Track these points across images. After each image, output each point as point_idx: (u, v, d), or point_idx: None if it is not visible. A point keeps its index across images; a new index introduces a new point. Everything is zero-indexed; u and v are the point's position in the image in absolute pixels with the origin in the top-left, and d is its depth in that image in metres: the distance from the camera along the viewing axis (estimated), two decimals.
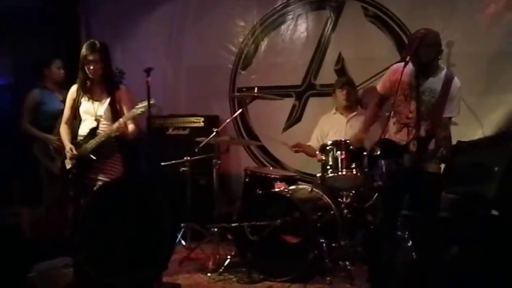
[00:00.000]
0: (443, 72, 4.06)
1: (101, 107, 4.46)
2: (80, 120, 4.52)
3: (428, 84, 4.02)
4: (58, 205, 5.39)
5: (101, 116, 4.43)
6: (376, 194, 4.79)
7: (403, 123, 4.09)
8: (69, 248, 5.19)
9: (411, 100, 4.04)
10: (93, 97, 4.49)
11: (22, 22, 6.20)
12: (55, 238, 5.33)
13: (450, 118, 4.05)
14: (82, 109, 4.51)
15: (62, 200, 5.36)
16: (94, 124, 4.46)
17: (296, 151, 5.54)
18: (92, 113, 4.47)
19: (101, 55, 4.41)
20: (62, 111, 5.12)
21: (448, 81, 3.99)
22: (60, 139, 4.77)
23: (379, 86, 4.34)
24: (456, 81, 4.03)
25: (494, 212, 4.35)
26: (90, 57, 4.39)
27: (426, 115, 3.96)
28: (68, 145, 4.46)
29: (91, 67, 4.40)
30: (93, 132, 4.45)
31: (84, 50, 4.42)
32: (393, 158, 3.91)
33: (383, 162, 3.94)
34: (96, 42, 4.47)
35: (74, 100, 4.54)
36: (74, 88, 4.56)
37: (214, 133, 5.05)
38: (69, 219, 5.37)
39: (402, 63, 3.92)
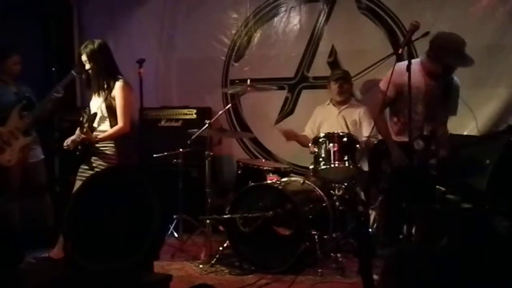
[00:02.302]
0: None
1: (99, 103, 4.54)
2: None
3: (436, 85, 4.04)
4: (21, 196, 5.30)
5: (95, 114, 4.50)
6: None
7: (405, 123, 4.08)
8: (50, 236, 5.24)
9: (418, 101, 4.04)
10: (95, 93, 4.60)
11: (13, 12, 6.17)
12: (37, 228, 5.33)
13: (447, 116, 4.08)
14: (91, 105, 4.65)
15: (39, 190, 5.37)
16: (85, 119, 4.50)
17: (288, 139, 5.53)
18: (94, 108, 4.59)
19: (90, 55, 4.54)
20: (15, 103, 5.16)
21: (451, 81, 4.01)
22: (10, 131, 5.01)
23: (383, 87, 4.30)
24: (457, 81, 4.05)
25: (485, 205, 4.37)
26: (82, 57, 4.58)
27: (432, 116, 3.97)
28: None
29: (86, 67, 4.57)
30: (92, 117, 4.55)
31: (79, 50, 4.65)
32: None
33: (387, 163, 3.95)
34: (89, 42, 4.60)
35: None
36: None
37: (207, 125, 5.05)
38: (50, 208, 5.42)
39: (404, 63, 3.89)
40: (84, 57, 4.56)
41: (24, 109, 5.16)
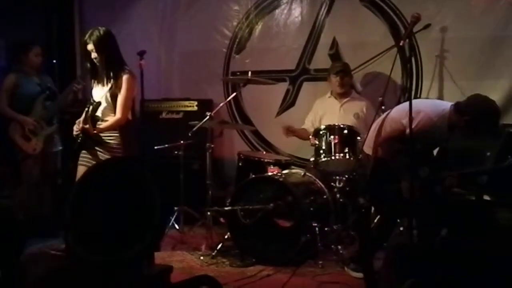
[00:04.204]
0: None
1: (104, 93, 4.47)
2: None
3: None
4: (36, 186, 5.49)
5: (98, 103, 4.42)
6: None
7: None
8: (50, 228, 5.29)
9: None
10: (100, 82, 4.53)
11: (15, 5, 6.17)
12: (35, 219, 5.42)
13: None
14: (93, 94, 4.58)
15: (39, 181, 5.48)
16: (88, 108, 4.46)
17: (287, 135, 5.53)
18: (98, 98, 4.51)
19: (98, 43, 4.42)
20: (38, 94, 5.42)
21: None
22: (36, 120, 5.33)
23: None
24: None
25: (486, 197, 4.37)
26: (88, 46, 4.45)
27: None
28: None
29: (92, 56, 4.45)
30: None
31: (84, 39, 4.50)
32: None
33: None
34: (95, 30, 4.48)
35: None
36: None
37: (208, 117, 5.04)
38: (48, 199, 5.49)
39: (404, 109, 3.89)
40: (90, 46, 4.42)
41: (47, 99, 5.38)
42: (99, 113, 4.45)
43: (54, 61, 6.59)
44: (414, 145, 3.69)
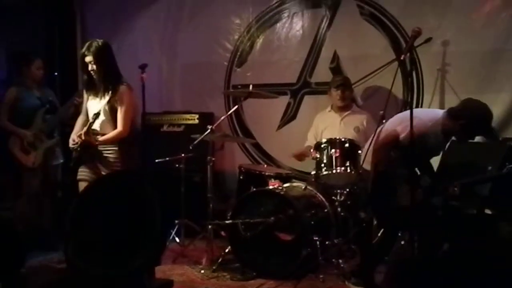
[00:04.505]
0: None
1: (101, 106, 4.46)
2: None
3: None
4: (36, 198, 5.49)
5: (97, 114, 4.40)
6: None
7: None
8: (50, 241, 5.28)
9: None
10: (97, 95, 4.52)
11: (17, 16, 6.20)
12: (35, 231, 5.41)
13: None
14: (88, 107, 4.57)
15: (39, 193, 5.49)
16: (91, 120, 4.47)
17: (301, 159, 5.52)
18: (95, 111, 4.48)
19: (97, 55, 4.43)
20: (38, 107, 5.45)
21: None
22: (35, 134, 5.36)
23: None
24: None
25: (487, 211, 4.36)
26: (87, 58, 4.45)
27: None
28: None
29: (89, 68, 4.45)
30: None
31: (82, 51, 4.50)
32: None
33: None
34: (94, 42, 4.49)
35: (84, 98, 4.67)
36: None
37: (209, 130, 5.04)
38: (48, 211, 5.48)
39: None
40: (89, 58, 4.42)
41: (47, 113, 5.37)
42: (96, 126, 4.46)
43: (56, 73, 6.62)
44: (411, 151, 3.70)
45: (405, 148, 3.83)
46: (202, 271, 4.81)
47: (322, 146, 5.02)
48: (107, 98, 4.44)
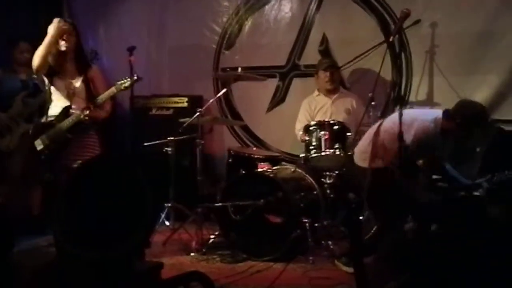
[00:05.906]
0: None
1: (75, 85, 4.43)
2: (51, 101, 4.51)
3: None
4: (23, 183, 5.40)
5: (74, 94, 4.38)
6: None
7: None
8: (39, 225, 5.25)
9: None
10: (65, 76, 4.47)
11: (3, 2, 6.11)
12: (24, 216, 5.36)
13: None
14: (54, 88, 4.49)
15: (27, 178, 5.40)
16: (67, 103, 4.43)
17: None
18: (65, 91, 4.45)
19: (75, 28, 4.46)
20: (19, 90, 5.36)
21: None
22: (12, 117, 5.18)
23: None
24: None
25: (476, 193, 4.39)
26: (65, 27, 4.39)
27: None
28: None
29: (66, 38, 4.38)
30: (66, 111, 4.43)
31: (56, 23, 4.39)
32: None
33: None
34: (62, 20, 4.45)
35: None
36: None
37: (198, 113, 5.03)
38: (38, 198, 5.43)
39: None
40: (69, 28, 4.40)
41: (28, 96, 5.23)
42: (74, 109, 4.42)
43: None
44: (416, 159, 3.79)
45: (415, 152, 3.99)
46: (192, 254, 4.81)
47: (311, 128, 5.02)
48: (81, 78, 4.43)
